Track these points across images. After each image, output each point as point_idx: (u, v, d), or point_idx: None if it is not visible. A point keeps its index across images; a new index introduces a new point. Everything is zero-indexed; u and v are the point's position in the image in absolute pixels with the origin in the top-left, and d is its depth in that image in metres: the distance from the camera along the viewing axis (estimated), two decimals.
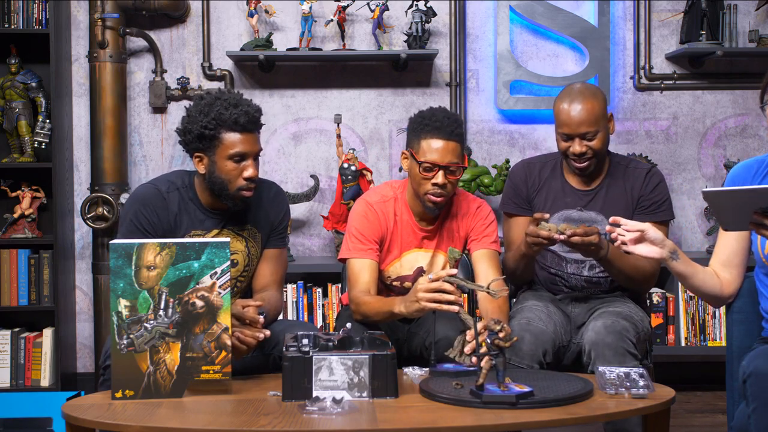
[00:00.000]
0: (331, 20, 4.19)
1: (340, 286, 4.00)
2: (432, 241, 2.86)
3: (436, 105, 2.85)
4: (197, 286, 2.23)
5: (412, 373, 2.45)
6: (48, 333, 4.10)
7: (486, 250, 2.83)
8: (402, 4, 4.28)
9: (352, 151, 4.10)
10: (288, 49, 4.19)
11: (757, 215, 2.15)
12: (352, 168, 4.05)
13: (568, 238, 2.63)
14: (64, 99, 4.22)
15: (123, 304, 2.21)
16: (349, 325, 2.42)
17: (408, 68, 4.36)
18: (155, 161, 4.36)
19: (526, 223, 2.93)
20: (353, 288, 2.76)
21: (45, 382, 4.07)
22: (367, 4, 4.18)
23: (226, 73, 4.31)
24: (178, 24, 4.34)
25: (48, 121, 4.11)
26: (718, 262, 2.53)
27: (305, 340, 2.29)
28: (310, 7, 4.14)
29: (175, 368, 2.23)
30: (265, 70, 4.33)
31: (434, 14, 4.17)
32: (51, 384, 4.08)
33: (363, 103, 4.38)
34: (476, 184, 4.16)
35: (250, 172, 2.56)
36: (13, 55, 4.16)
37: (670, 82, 4.39)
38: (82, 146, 4.33)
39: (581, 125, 2.79)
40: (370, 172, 4.14)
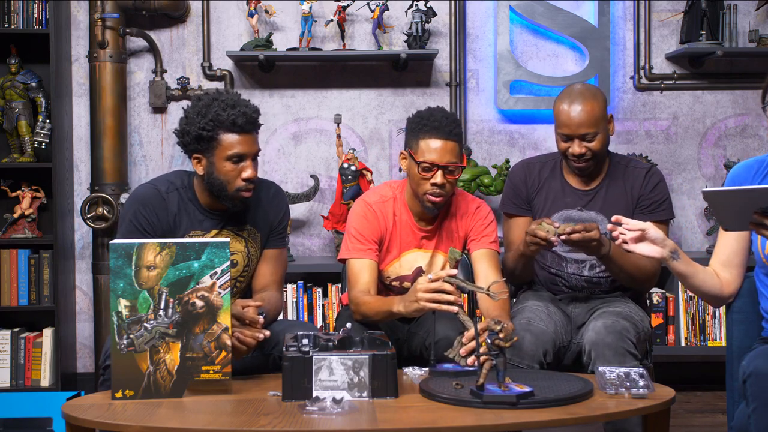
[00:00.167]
0: (331, 20, 4.19)
1: (340, 286, 3.99)
2: (431, 241, 2.86)
3: (436, 105, 2.85)
4: (197, 286, 2.23)
5: (412, 373, 2.45)
6: (48, 333, 4.09)
7: (485, 250, 2.83)
8: (402, 4, 4.28)
9: (352, 151, 4.10)
10: (288, 49, 4.19)
11: (757, 215, 2.15)
12: (352, 168, 4.05)
13: (569, 236, 2.63)
14: (64, 99, 4.21)
15: (123, 304, 2.21)
16: (349, 325, 2.42)
17: (408, 68, 4.36)
18: (155, 161, 4.36)
19: (526, 224, 2.93)
20: (353, 288, 2.76)
21: (45, 382, 4.07)
22: (367, 4, 4.18)
23: (226, 73, 4.31)
24: (178, 24, 4.34)
25: (48, 121, 4.11)
26: (718, 262, 2.53)
27: (305, 340, 2.28)
28: (310, 7, 4.14)
29: (175, 368, 2.23)
30: (265, 70, 4.33)
31: (434, 14, 4.17)
32: (51, 384, 4.08)
33: (363, 103, 4.37)
34: (476, 184, 4.16)
35: (249, 172, 2.55)
36: (13, 55, 4.16)
37: (670, 82, 4.39)
38: (82, 146, 4.33)
39: (581, 126, 2.78)
40: (370, 172, 4.14)
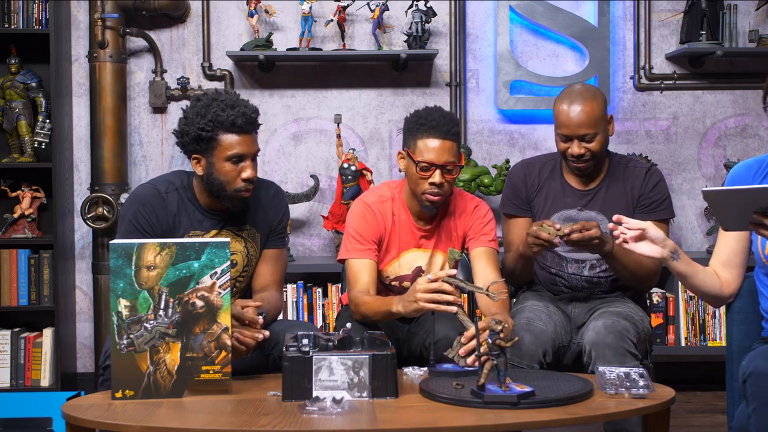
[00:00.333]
0: (331, 20, 4.19)
1: (340, 286, 3.99)
2: (430, 241, 2.86)
3: (436, 105, 2.85)
4: (197, 286, 2.23)
5: (412, 373, 2.45)
6: (48, 333, 4.09)
7: (484, 248, 2.83)
8: (402, 4, 4.28)
9: (352, 151, 4.10)
10: (288, 49, 4.19)
11: (756, 215, 2.15)
12: (352, 168, 4.05)
13: (569, 237, 2.63)
14: (64, 99, 4.21)
15: (123, 304, 2.21)
16: (349, 325, 2.42)
17: (408, 68, 4.36)
18: (155, 161, 4.36)
19: (526, 224, 2.93)
20: (352, 288, 2.76)
21: (45, 382, 4.07)
22: (367, 4, 4.18)
23: (226, 73, 4.31)
24: (178, 24, 4.34)
25: (48, 121, 4.11)
26: (718, 262, 2.53)
27: (305, 340, 2.28)
28: (310, 7, 4.14)
29: (175, 368, 2.23)
30: (265, 70, 4.33)
31: (434, 14, 4.17)
32: (51, 384, 4.08)
33: (363, 103, 4.37)
34: (476, 184, 4.16)
35: (249, 173, 2.55)
36: (13, 55, 4.16)
37: (670, 82, 4.39)
38: (82, 146, 4.33)
39: (580, 127, 2.78)
40: (370, 172, 4.14)
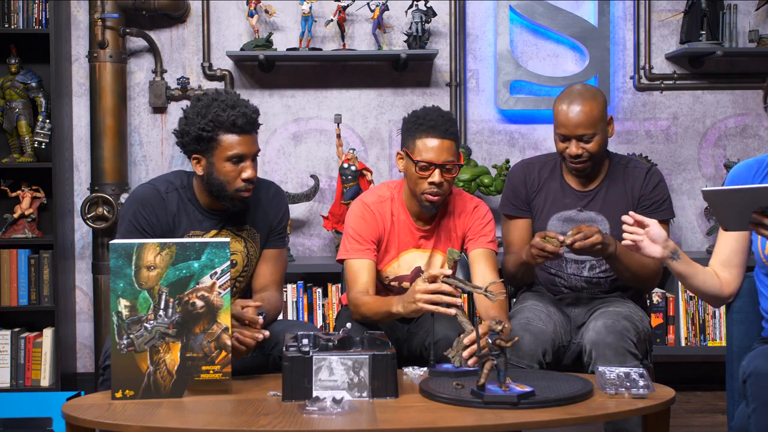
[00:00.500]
0: (331, 20, 4.19)
1: (340, 286, 3.99)
2: (429, 241, 2.86)
3: (436, 105, 2.85)
4: (197, 286, 2.23)
5: (412, 373, 2.45)
6: (48, 333, 4.09)
7: (483, 250, 2.83)
8: (402, 4, 4.28)
9: (352, 151, 4.10)
10: (288, 49, 4.19)
11: (756, 215, 2.15)
12: (352, 168, 4.05)
13: (571, 246, 2.63)
14: (64, 99, 4.21)
15: (123, 304, 2.21)
16: (349, 325, 2.42)
17: (408, 68, 4.36)
18: (155, 161, 4.36)
19: (526, 225, 2.93)
20: (351, 288, 2.76)
21: (45, 382, 4.07)
22: (367, 4, 4.18)
23: (226, 73, 4.31)
24: (178, 24, 4.34)
25: (48, 121, 4.11)
26: (718, 262, 2.53)
27: (305, 340, 2.28)
28: (310, 7, 4.14)
29: (175, 368, 2.23)
30: (265, 70, 4.33)
31: (434, 14, 4.17)
32: (51, 384, 4.07)
33: (363, 103, 4.37)
34: (476, 184, 4.16)
35: (249, 173, 2.55)
36: (13, 55, 4.16)
37: (670, 82, 4.39)
38: (82, 146, 4.33)
39: (578, 127, 2.78)
40: (370, 172, 4.14)
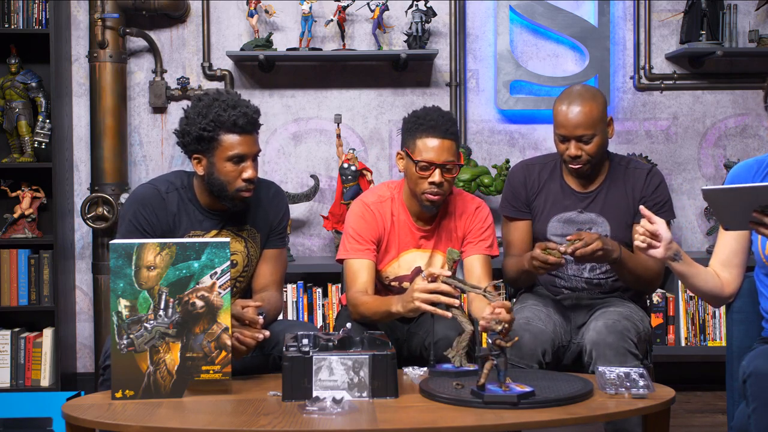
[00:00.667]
0: (331, 20, 4.19)
1: (340, 286, 3.99)
2: (430, 241, 2.85)
3: (436, 105, 2.85)
4: (197, 286, 2.23)
5: (412, 373, 2.45)
6: (48, 333, 4.09)
7: (480, 255, 2.83)
8: (402, 4, 4.28)
9: (352, 151, 4.10)
10: (288, 49, 4.19)
11: (757, 214, 2.15)
12: (352, 168, 4.05)
13: (572, 254, 2.63)
14: (64, 99, 4.21)
15: (123, 304, 2.21)
16: (349, 325, 2.42)
17: (408, 68, 4.36)
18: (155, 161, 4.36)
19: (526, 227, 2.93)
20: (351, 288, 2.76)
21: (45, 382, 4.07)
22: (367, 4, 4.18)
23: (226, 73, 4.31)
24: (178, 24, 4.34)
25: (48, 121, 4.11)
26: (718, 262, 2.53)
27: (305, 340, 2.28)
28: (310, 7, 4.14)
29: (175, 368, 2.23)
30: (265, 70, 4.33)
31: (434, 14, 4.17)
32: (51, 384, 4.07)
33: (363, 103, 4.37)
34: (476, 184, 4.16)
35: (249, 173, 2.55)
36: (13, 55, 4.16)
37: (670, 82, 4.39)
38: (82, 146, 4.33)
39: (577, 127, 2.77)
40: (370, 172, 4.14)
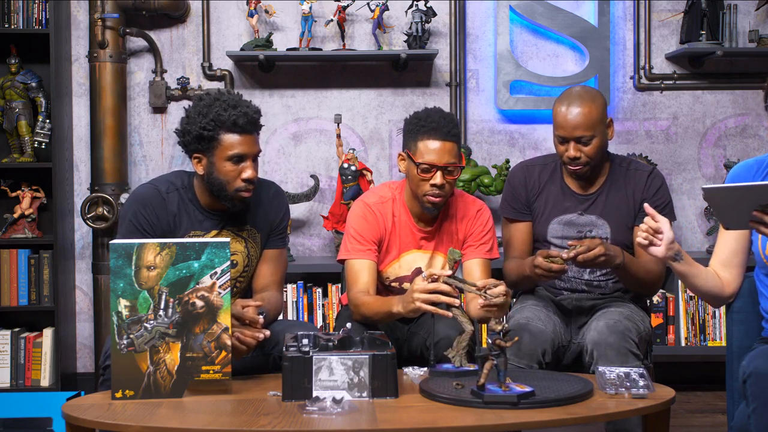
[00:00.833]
0: (331, 20, 4.19)
1: (340, 286, 4.00)
2: (430, 242, 2.85)
3: (436, 105, 2.85)
4: (197, 286, 2.23)
5: (412, 373, 2.45)
6: (48, 333, 4.09)
7: (480, 259, 2.83)
8: (402, 4, 4.28)
9: (352, 151, 4.10)
10: (288, 49, 4.19)
11: (757, 213, 2.15)
12: (352, 168, 4.05)
13: (575, 260, 2.62)
14: (64, 99, 4.21)
15: (123, 304, 2.21)
16: (349, 325, 2.42)
17: (408, 68, 4.36)
18: (155, 161, 4.36)
19: (526, 229, 2.93)
20: (352, 289, 2.76)
21: (45, 382, 4.07)
22: (367, 4, 4.18)
23: (226, 73, 4.31)
24: (178, 24, 4.34)
25: (48, 121, 4.11)
26: (718, 262, 2.53)
27: (305, 340, 2.28)
28: (310, 7, 4.14)
29: (175, 368, 2.23)
30: (265, 70, 4.33)
31: (434, 14, 4.17)
32: (51, 384, 4.07)
33: (363, 103, 4.37)
34: (476, 184, 4.16)
35: (249, 173, 2.55)
36: (13, 55, 4.16)
37: (670, 82, 4.39)
38: (82, 146, 4.33)
39: (577, 129, 2.77)
40: (370, 172, 4.14)
